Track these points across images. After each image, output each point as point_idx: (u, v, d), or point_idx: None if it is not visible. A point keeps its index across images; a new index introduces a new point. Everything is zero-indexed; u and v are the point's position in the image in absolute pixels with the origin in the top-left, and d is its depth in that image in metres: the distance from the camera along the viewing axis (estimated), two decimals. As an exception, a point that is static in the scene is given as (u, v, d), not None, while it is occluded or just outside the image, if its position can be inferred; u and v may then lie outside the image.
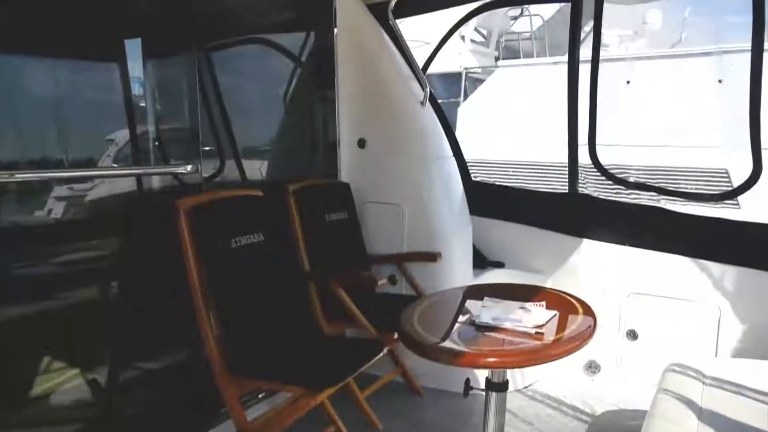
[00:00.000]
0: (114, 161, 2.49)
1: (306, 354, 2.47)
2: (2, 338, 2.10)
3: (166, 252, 2.45)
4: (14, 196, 2.20)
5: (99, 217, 2.50)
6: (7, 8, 2.06)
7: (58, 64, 2.29)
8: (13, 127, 2.15)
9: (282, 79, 3.38)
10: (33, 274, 2.26)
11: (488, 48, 11.20)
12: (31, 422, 2.23)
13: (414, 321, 2.14)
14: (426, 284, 3.24)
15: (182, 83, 2.69)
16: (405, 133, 3.37)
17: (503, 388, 2.13)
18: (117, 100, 2.50)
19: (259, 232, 2.59)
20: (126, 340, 2.58)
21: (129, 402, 2.61)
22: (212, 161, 2.84)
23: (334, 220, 3.23)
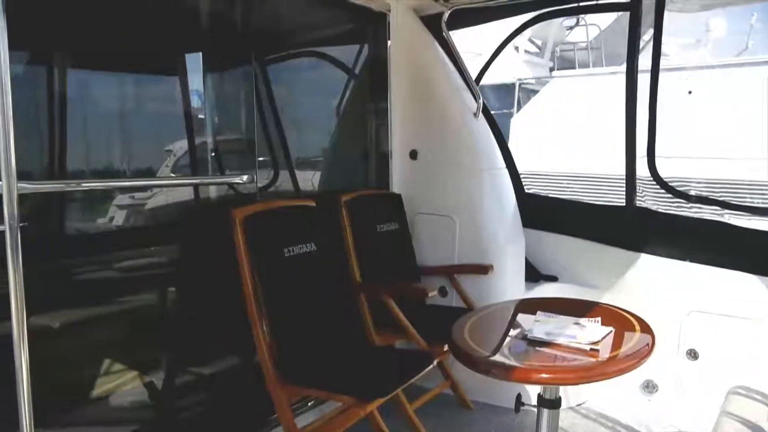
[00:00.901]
0: (172, 171, 2.57)
1: (356, 364, 2.48)
2: (67, 340, 2.19)
3: (222, 260, 2.51)
4: (79, 204, 2.30)
5: (157, 225, 2.59)
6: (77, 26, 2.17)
7: (123, 79, 2.39)
8: (80, 139, 2.25)
9: (335, 91, 3.42)
10: (95, 279, 2.35)
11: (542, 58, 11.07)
12: (92, 421, 2.32)
13: (465, 334, 2.12)
14: (477, 297, 3.20)
15: (240, 95, 2.76)
16: (457, 145, 3.36)
17: (556, 405, 2.08)
18: (176, 112, 2.59)
19: (311, 242, 2.62)
20: (181, 344, 2.65)
21: (183, 406, 2.67)
22: (266, 171, 2.90)
23: (386, 230, 3.24)
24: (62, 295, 2.19)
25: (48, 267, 2.08)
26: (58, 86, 2.17)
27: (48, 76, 2.15)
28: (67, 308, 2.21)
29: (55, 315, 2.15)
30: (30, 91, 2.06)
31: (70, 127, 2.20)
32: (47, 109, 2.14)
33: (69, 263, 2.24)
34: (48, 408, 1.66)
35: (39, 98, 2.11)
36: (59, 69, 2.17)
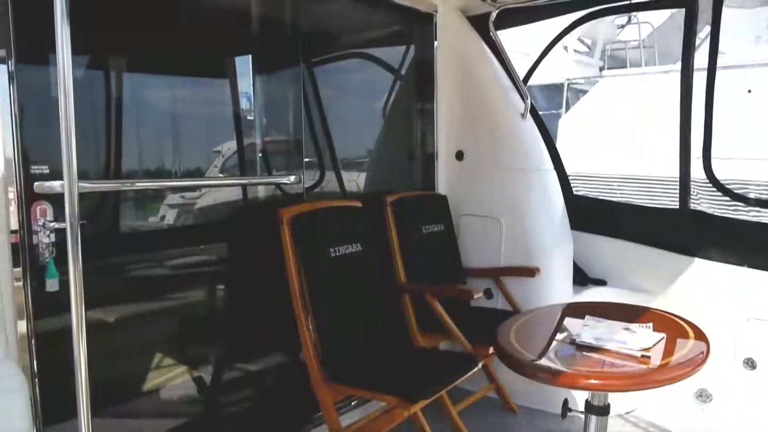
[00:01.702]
0: (220, 171, 2.63)
1: (400, 365, 2.48)
2: (120, 335, 2.27)
3: (269, 259, 2.55)
4: (132, 203, 2.37)
5: (207, 224, 2.64)
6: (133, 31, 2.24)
7: (174, 82, 2.46)
8: (134, 140, 2.33)
9: (382, 92, 3.43)
10: (148, 276, 2.42)
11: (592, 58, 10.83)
12: (143, 414, 2.38)
13: (511, 337, 2.09)
14: (523, 300, 3.16)
15: (288, 97, 2.80)
16: (504, 146, 3.32)
17: (604, 412, 2.03)
18: (226, 114, 2.64)
19: (357, 242, 2.64)
20: (229, 341, 2.71)
21: (230, 401, 2.73)
22: (312, 172, 2.93)
23: (431, 232, 3.23)
24: (116, 291, 2.26)
25: (103, 264, 2.16)
26: (115, 89, 2.25)
27: (105, 80, 2.23)
28: (121, 304, 2.28)
29: (110, 310, 2.23)
30: (88, 94, 2.14)
31: (125, 129, 2.27)
32: (104, 111, 2.21)
33: (123, 260, 2.30)
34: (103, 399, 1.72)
35: (96, 101, 2.18)
36: (115, 73, 2.25)
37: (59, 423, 1.96)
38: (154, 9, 2.30)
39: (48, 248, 1.92)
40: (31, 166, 1.92)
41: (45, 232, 1.91)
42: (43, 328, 1.93)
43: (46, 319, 1.94)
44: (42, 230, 1.91)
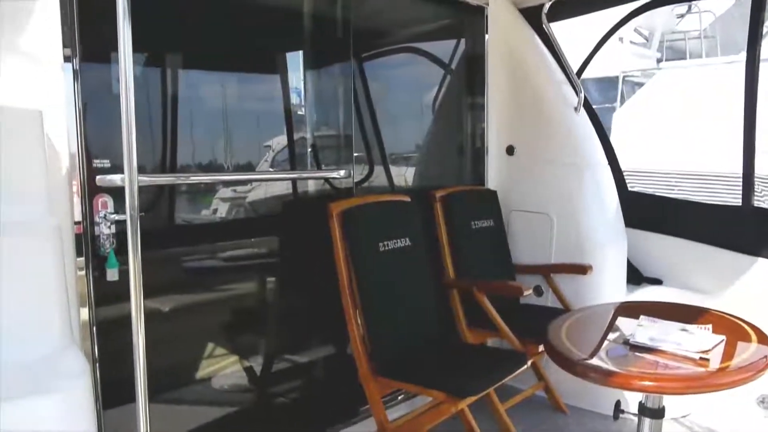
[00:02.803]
0: (270, 166, 2.67)
1: (448, 361, 2.47)
2: (175, 324, 2.34)
3: (318, 252, 2.58)
4: (186, 197, 2.44)
5: (257, 218, 2.69)
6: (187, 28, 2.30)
7: (227, 78, 2.50)
8: (188, 135, 2.39)
9: (431, 86, 3.41)
10: (200, 268, 2.48)
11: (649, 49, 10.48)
12: (196, 400, 2.45)
13: (562, 335, 2.05)
14: (574, 298, 3.09)
15: (338, 92, 2.81)
16: (557, 140, 3.25)
17: (659, 414, 1.98)
18: (276, 109, 2.68)
19: (405, 237, 2.64)
20: (279, 333, 2.75)
21: (279, 391, 2.78)
22: (361, 167, 2.94)
23: (480, 227, 3.20)
24: (171, 282, 2.33)
25: (159, 255, 2.22)
26: (171, 86, 2.31)
27: (162, 77, 2.29)
28: (175, 294, 2.35)
29: (166, 300, 2.30)
30: (146, 91, 2.21)
31: (180, 125, 2.33)
32: (161, 107, 2.28)
33: (177, 252, 2.37)
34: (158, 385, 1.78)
35: (153, 98, 2.25)
36: (171, 70, 2.31)
37: (117, 407, 2.03)
38: (207, 6, 2.35)
39: (109, 239, 1.99)
40: (93, 161, 1.99)
41: (106, 223, 1.99)
42: (103, 315, 2.01)
43: (106, 308, 2.02)
44: (103, 222, 1.99)
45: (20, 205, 1.57)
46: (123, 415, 2.02)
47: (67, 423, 1.37)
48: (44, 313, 1.54)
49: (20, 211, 1.56)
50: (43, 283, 1.54)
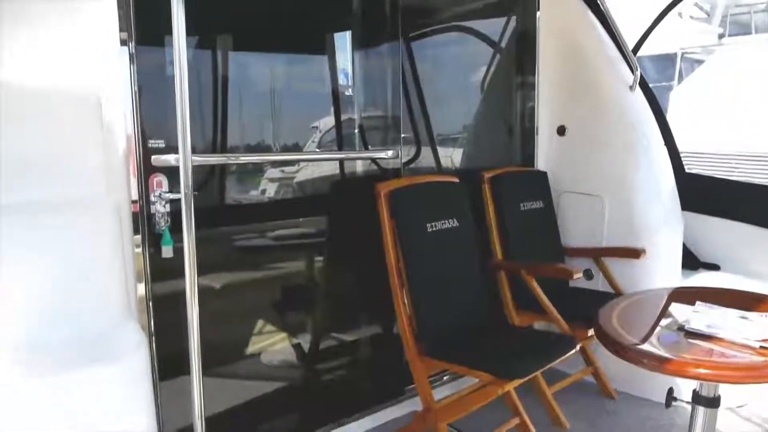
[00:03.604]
0: (317, 147, 2.68)
1: (495, 342, 2.46)
2: (226, 301, 2.40)
3: (366, 232, 2.59)
4: (235, 177, 2.48)
5: (305, 198, 2.72)
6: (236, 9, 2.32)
7: (275, 59, 2.52)
8: (237, 116, 2.43)
9: (480, 65, 3.36)
10: (250, 246, 2.53)
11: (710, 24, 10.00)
12: (246, 375, 2.52)
13: (613, 319, 2.01)
14: (626, 282, 3.02)
15: (386, 72, 2.80)
16: (610, 120, 3.15)
17: (714, 404, 1.92)
18: (324, 90, 2.69)
19: (453, 218, 2.62)
20: (326, 311, 2.79)
21: (326, 368, 2.82)
22: (408, 147, 2.92)
23: (529, 209, 3.15)
24: (222, 260, 2.39)
25: (211, 233, 2.28)
26: (221, 68, 2.34)
27: (212, 59, 2.33)
28: (226, 271, 2.41)
29: (217, 277, 2.36)
30: (196, 73, 2.25)
31: (230, 106, 2.37)
32: (211, 89, 2.32)
33: (228, 231, 2.42)
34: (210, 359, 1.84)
35: (204, 79, 2.29)
36: (221, 52, 2.34)
37: (172, 379, 2.11)
38: None
39: (164, 217, 2.06)
40: (149, 141, 2.05)
41: (161, 202, 2.05)
42: (158, 291, 2.08)
43: (161, 284, 2.09)
44: (158, 201, 2.05)
45: (81, 184, 1.64)
46: (177, 387, 2.09)
47: (127, 392, 1.44)
48: (105, 288, 1.61)
49: (81, 191, 1.62)
50: (103, 260, 1.61)
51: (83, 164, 1.66)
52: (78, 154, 1.64)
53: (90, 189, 1.65)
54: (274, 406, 2.58)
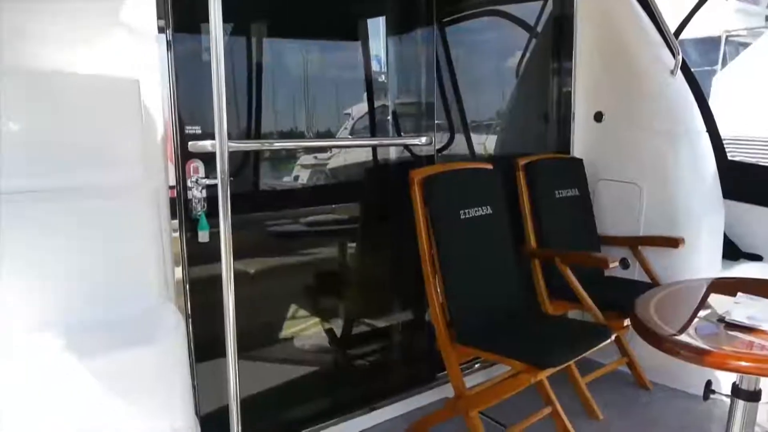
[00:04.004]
0: (350, 133, 2.69)
1: (529, 331, 2.44)
2: (260, 285, 2.43)
3: (398, 219, 2.59)
4: (268, 164, 2.51)
5: (338, 184, 2.73)
6: None
7: (308, 46, 2.52)
8: (271, 103, 2.44)
9: (515, 50, 3.30)
10: (283, 232, 2.56)
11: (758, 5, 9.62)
12: (279, 359, 2.56)
13: (651, 309, 1.97)
14: (663, 272, 2.96)
15: (419, 59, 2.78)
16: (650, 106, 3.07)
17: (755, 397, 1.87)
18: (357, 77, 2.68)
19: (487, 205, 2.60)
20: (359, 297, 2.81)
21: (357, 354, 2.85)
22: (441, 134, 2.90)
23: (564, 196, 3.10)
24: (256, 245, 2.42)
25: (245, 219, 2.30)
26: (255, 54, 2.36)
27: (246, 46, 2.34)
28: (259, 256, 2.44)
29: (250, 262, 2.39)
30: (231, 60, 2.26)
31: (264, 92, 2.38)
32: (245, 75, 2.33)
33: (261, 216, 2.45)
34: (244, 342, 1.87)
35: (238, 66, 2.31)
36: (256, 38, 2.35)
37: (207, 361, 2.16)
38: None
39: (200, 202, 2.09)
40: (186, 127, 2.08)
41: (198, 187, 2.08)
42: (195, 275, 2.12)
43: (198, 267, 2.13)
44: (195, 186, 2.08)
45: (121, 169, 1.67)
46: (212, 369, 2.14)
47: (165, 372, 1.47)
48: (144, 271, 1.64)
49: (122, 176, 1.66)
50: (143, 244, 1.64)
51: (123, 150, 1.69)
52: (118, 140, 1.68)
53: (130, 174, 1.68)
54: (306, 390, 2.62)
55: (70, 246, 1.54)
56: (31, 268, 1.48)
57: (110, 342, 1.44)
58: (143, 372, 1.43)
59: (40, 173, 1.53)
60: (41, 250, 1.49)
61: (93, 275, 1.56)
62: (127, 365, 1.41)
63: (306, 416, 2.55)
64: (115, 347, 1.42)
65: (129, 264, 1.62)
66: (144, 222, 1.66)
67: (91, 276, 1.56)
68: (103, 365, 1.38)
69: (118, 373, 1.40)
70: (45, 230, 1.50)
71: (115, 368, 1.40)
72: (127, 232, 1.62)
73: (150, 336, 1.48)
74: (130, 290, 1.62)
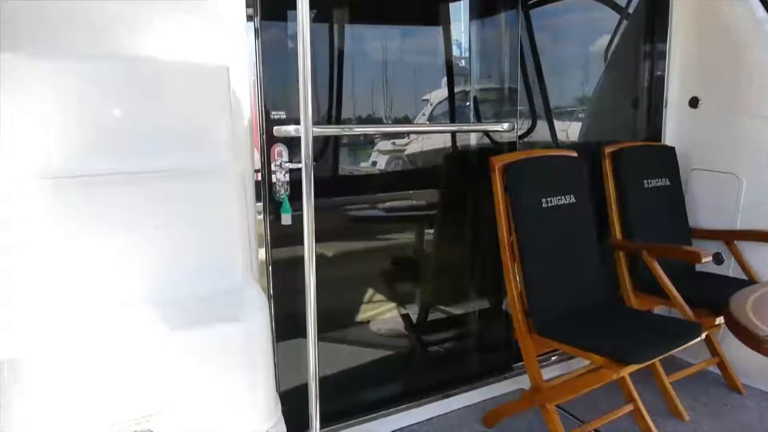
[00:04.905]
0: (428, 119, 2.67)
1: (611, 325, 2.35)
2: (338, 268, 2.47)
3: (477, 206, 2.55)
4: (347, 149, 2.53)
5: (415, 170, 2.72)
6: None
7: (389, 32, 2.52)
8: (350, 89, 2.46)
9: (604, 33, 3.16)
10: (361, 216, 2.59)
11: None
12: (354, 341, 2.60)
13: (747, 308, 1.84)
14: (761, 268, 2.77)
15: (503, 43, 2.72)
16: (753, 90, 2.85)
17: None
18: (436, 62, 2.65)
19: (570, 194, 2.52)
20: (436, 283, 2.81)
21: (433, 340, 2.85)
22: (522, 120, 2.83)
23: (654, 186, 2.95)
24: (334, 228, 2.46)
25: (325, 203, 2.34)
26: (336, 40, 2.38)
27: (328, 32, 2.36)
28: (338, 240, 2.48)
29: (330, 245, 2.44)
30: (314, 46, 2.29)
31: (344, 78, 2.40)
32: (327, 61, 2.36)
33: (340, 201, 2.49)
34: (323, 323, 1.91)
35: (320, 52, 2.34)
36: (338, 24, 2.37)
37: (287, 340, 2.22)
38: None
39: (284, 186, 2.14)
40: (271, 112, 2.14)
41: (281, 171, 2.14)
42: (277, 256, 2.18)
43: (280, 249, 2.19)
44: (279, 170, 2.14)
45: (211, 153, 1.73)
46: (291, 348, 2.20)
47: (249, 349, 1.53)
48: (232, 251, 1.70)
49: (211, 159, 1.72)
50: (231, 224, 1.71)
51: (214, 135, 1.75)
52: (209, 125, 1.74)
53: (219, 158, 1.74)
54: (380, 373, 2.65)
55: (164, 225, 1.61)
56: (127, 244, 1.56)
57: (199, 318, 1.50)
58: (229, 348, 1.49)
59: (138, 156, 1.62)
60: (139, 228, 1.57)
61: (184, 254, 1.64)
62: (214, 341, 1.47)
63: (379, 399, 2.58)
64: (203, 323, 1.48)
65: (217, 244, 1.69)
66: (232, 204, 1.71)
67: (181, 254, 1.63)
68: (192, 339, 1.44)
69: (206, 348, 1.46)
70: (142, 210, 1.58)
71: (204, 343, 1.46)
72: (216, 214, 1.69)
73: (237, 314, 1.54)
74: (218, 269, 1.69)
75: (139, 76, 1.64)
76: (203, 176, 1.70)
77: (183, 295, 1.60)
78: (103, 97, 1.57)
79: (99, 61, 1.58)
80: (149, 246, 1.59)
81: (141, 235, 1.58)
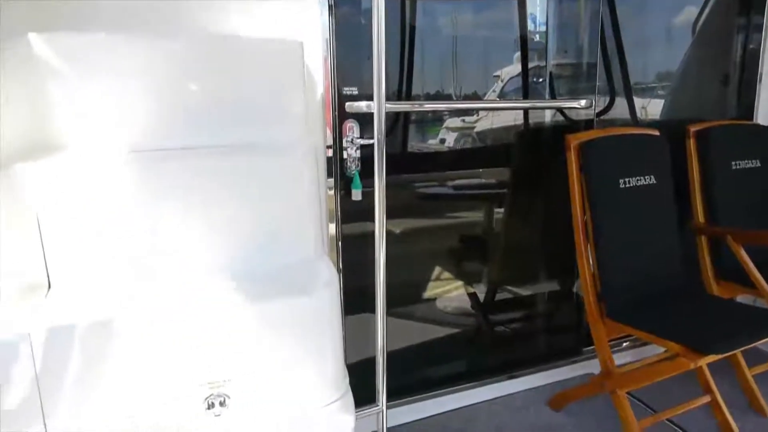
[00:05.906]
0: (498, 96, 2.60)
1: (690, 312, 2.25)
2: (406, 245, 2.47)
3: (549, 185, 2.49)
4: (415, 126, 2.50)
5: (485, 148, 2.67)
6: None
7: (461, 5, 2.46)
8: (420, 64, 2.42)
9: (693, 4, 2.97)
10: (429, 194, 2.57)
11: None
12: (420, 317, 2.60)
13: None
14: None
15: (582, 16, 2.61)
16: None
17: None
18: (508, 38, 2.57)
19: (650, 174, 2.41)
20: (505, 263, 2.77)
21: (500, 320, 2.82)
22: (600, 97, 2.72)
23: (743, 168, 2.77)
24: (403, 205, 2.46)
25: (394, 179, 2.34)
26: (408, 16, 2.35)
27: (400, 7, 2.33)
28: (406, 217, 2.47)
29: (398, 222, 2.44)
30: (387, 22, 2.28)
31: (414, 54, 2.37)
32: (399, 37, 2.34)
33: (409, 178, 2.48)
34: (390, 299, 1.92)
35: (391, 28, 2.30)
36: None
37: (354, 314, 2.26)
38: None
39: (354, 162, 2.16)
40: (344, 88, 2.14)
41: (353, 147, 2.15)
42: (347, 232, 2.21)
43: (350, 225, 2.21)
44: (350, 146, 2.15)
45: (286, 128, 1.76)
46: (358, 323, 2.24)
47: (320, 321, 1.56)
48: (304, 225, 1.73)
49: (286, 133, 1.75)
50: (303, 199, 1.73)
51: (288, 110, 1.77)
52: (284, 100, 1.76)
53: (294, 133, 1.76)
54: (446, 351, 2.65)
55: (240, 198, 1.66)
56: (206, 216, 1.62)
57: (273, 290, 1.54)
58: (300, 320, 1.53)
59: (218, 130, 1.66)
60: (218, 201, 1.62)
61: (258, 227, 1.67)
62: (287, 313, 1.51)
63: (445, 376, 2.59)
64: (277, 295, 1.52)
65: (290, 218, 1.72)
66: (305, 178, 1.74)
67: (256, 227, 1.67)
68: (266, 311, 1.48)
69: (279, 320, 1.50)
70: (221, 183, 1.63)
71: (277, 315, 1.50)
72: (289, 188, 1.72)
73: (307, 287, 1.57)
74: (290, 243, 1.72)
75: (219, 52, 1.68)
76: (278, 151, 1.72)
77: (256, 266, 1.64)
78: (186, 73, 1.62)
79: (181, 39, 1.63)
80: (227, 218, 1.64)
81: (219, 207, 1.63)
